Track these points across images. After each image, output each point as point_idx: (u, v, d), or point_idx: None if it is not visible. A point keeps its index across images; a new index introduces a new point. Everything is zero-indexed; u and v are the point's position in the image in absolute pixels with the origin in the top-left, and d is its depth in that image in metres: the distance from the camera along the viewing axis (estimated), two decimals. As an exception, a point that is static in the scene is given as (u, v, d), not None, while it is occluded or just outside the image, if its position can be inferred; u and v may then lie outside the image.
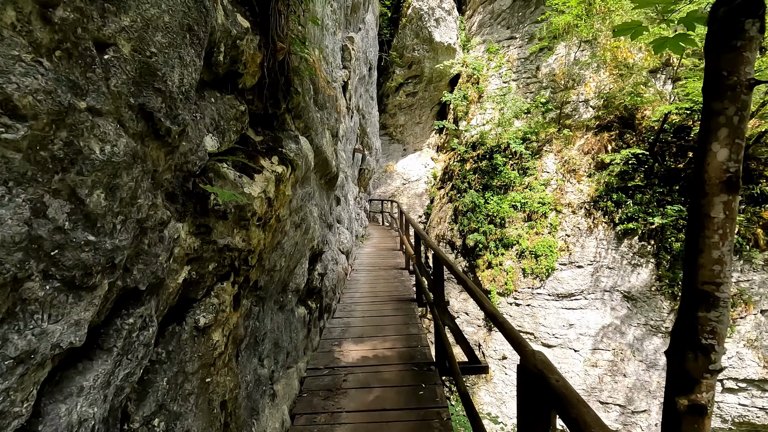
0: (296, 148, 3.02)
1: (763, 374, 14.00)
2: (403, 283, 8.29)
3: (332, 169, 4.67)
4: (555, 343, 15.73)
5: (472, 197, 17.05)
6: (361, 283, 8.63)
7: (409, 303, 6.87)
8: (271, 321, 3.50)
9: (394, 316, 6.23)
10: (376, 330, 5.76)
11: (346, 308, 6.94)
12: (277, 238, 3.05)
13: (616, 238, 15.27)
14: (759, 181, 14.33)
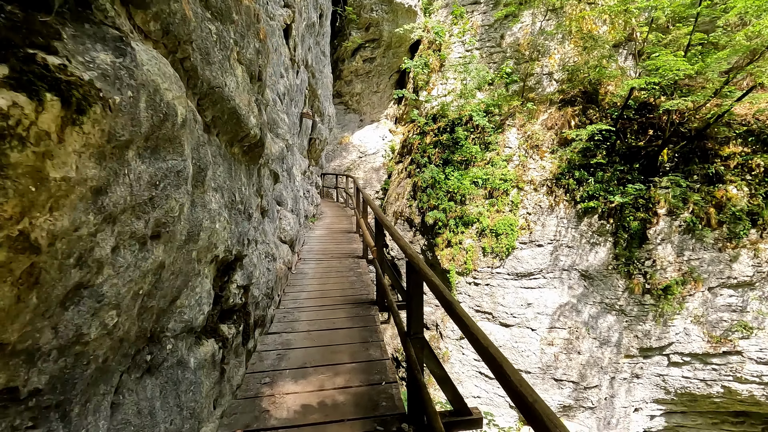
0: (112, 64, 1.22)
1: (707, 348, 13.78)
2: (360, 278, 6.56)
3: (250, 129, 2.80)
4: (513, 323, 14.83)
5: (432, 172, 15.49)
6: (309, 278, 6.75)
7: (369, 307, 5.19)
8: (108, 418, 1.71)
9: (350, 330, 4.53)
10: (324, 354, 4.05)
11: (287, 317, 5.18)
12: (68, 279, 1.24)
13: (577, 216, 14.33)
14: (714, 161, 13.72)
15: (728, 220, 13.18)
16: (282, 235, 5.94)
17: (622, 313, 14.25)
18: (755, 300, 13.21)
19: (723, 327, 13.53)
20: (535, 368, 14.48)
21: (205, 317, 2.64)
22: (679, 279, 13.64)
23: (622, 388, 14.81)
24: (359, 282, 6.30)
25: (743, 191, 13.20)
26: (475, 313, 15.26)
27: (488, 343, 1.95)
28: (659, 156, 13.85)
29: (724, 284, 13.36)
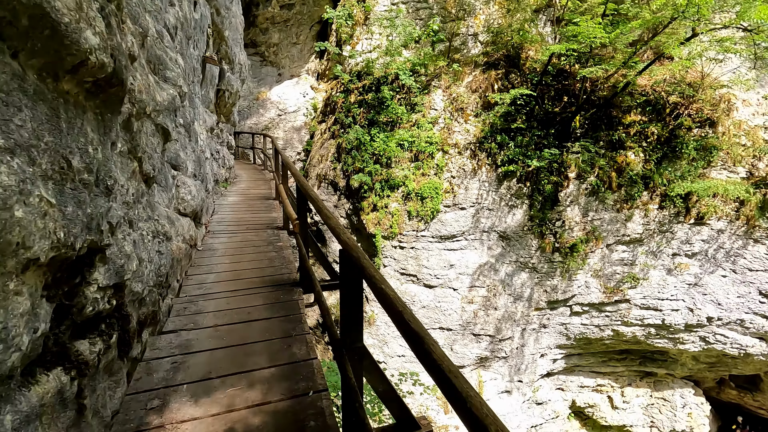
0: None
1: (602, 298, 15.12)
2: (281, 253, 5.51)
3: (85, 52, 1.65)
4: (436, 284, 14.94)
5: (357, 134, 14.52)
6: (220, 256, 5.54)
7: (291, 290, 4.31)
8: None
9: (269, 322, 3.62)
10: (236, 358, 3.13)
11: (188, 308, 4.09)
12: None
13: (498, 180, 14.47)
14: (618, 128, 14.50)
15: (626, 183, 14.17)
16: (181, 206, 4.74)
17: (534, 271, 15.01)
18: (643, 254, 14.59)
19: (616, 279, 14.87)
20: (457, 325, 14.87)
21: (24, 353, 1.64)
22: (583, 238, 14.57)
23: (531, 337, 15.88)
24: (280, 258, 5.30)
25: (640, 157, 14.19)
26: (401, 275, 15.10)
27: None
28: (572, 122, 14.28)
29: (619, 241, 14.55)
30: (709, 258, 14.08)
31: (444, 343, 14.98)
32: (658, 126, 13.97)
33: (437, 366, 1.39)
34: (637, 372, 17.44)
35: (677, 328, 14.91)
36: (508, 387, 15.67)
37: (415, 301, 14.94)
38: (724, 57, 13.72)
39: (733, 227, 13.67)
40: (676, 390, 17.39)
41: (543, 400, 17.29)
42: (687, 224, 13.95)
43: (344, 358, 2.28)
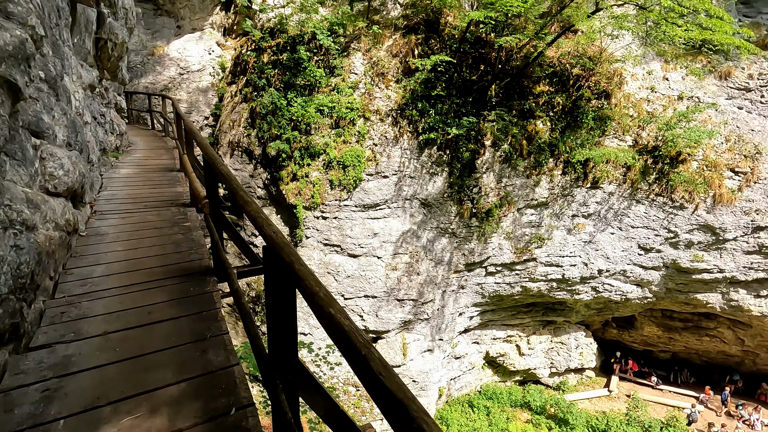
0: None
1: (513, 258, 16.20)
2: (189, 235, 4.62)
3: None
4: (360, 253, 14.76)
5: (273, 97, 13.33)
6: (111, 242, 4.50)
7: (203, 280, 3.59)
8: None
9: (176, 322, 2.91)
10: (133, 375, 2.44)
11: (68, 313, 3.23)
12: None
13: (419, 147, 14.39)
14: (528, 98, 15.14)
15: (535, 151, 14.99)
16: (50, 183, 3.70)
17: (454, 236, 15.51)
18: (548, 217, 15.78)
19: (525, 240, 15.99)
20: (381, 292, 14.96)
21: None
22: (497, 203, 15.29)
23: (451, 298, 16.63)
24: (188, 241, 4.45)
25: (547, 126, 15.03)
26: (324, 246, 14.64)
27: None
28: (489, 91, 14.55)
29: (528, 205, 15.54)
30: (601, 218, 15.68)
31: (369, 310, 15.05)
32: (563, 96, 14.82)
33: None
34: (540, 321, 19.33)
35: (574, 281, 16.62)
36: (430, 346, 16.39)
37: (339, 271, 14.66)
38: (618, 33, 14.79)
39: (621, 190, 15.28)
40: (571, 334, 19.66)
41: (461, 354, 18.48)
42: (585, 188, 15.29)
43: (275, 384, 1.80)
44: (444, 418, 17.48)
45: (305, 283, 1.55)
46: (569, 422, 17.19)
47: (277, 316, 1.87)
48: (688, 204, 14.92)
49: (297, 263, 1.61)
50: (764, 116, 15.13)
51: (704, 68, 15.12)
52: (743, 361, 20.56)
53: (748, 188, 14.78)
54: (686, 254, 15.78)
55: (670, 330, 20.34)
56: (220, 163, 3.05)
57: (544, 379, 20.15)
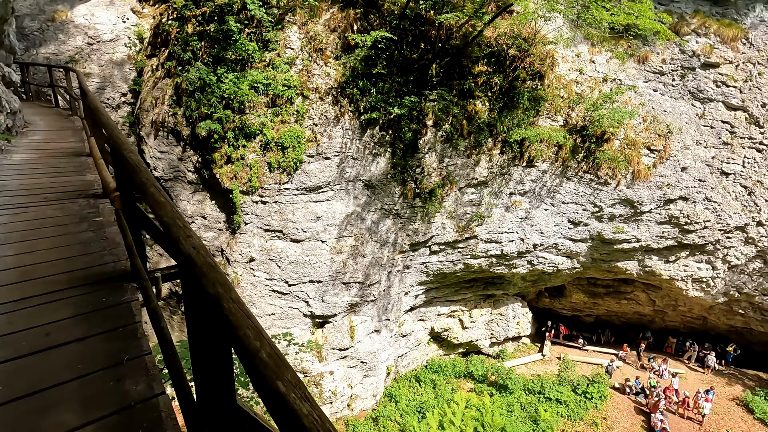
0: None
1: (456, 237, 16.57)
2: (101, 233, 3.86)
3: None
4: (304, 238, 14.27)
5: (201, 72, 12.18)
6: None
7: (118, 287, 2.98)
8: None
9: (83, 344, 2.39)
10: (24, 421, 1.97)
11: None
12: None
13: (361, 127, 14.00)
14: (468, 77, 15.22)
15: (475, 131, 15.22)
16: None
17: (398, 217, 15.48)
18: (487, 195, 16.24)
19: (466, 218, 16.37)
20: (327, 276, 14.66)
21: None
22: (440, 182, 15.42)
23: (396, 278, 16.75)
24: (99, 241, 3.74)
25: (486, 106, 15.27)
26: (265, 232, 13.96)
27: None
28: (429, 70, 14.41)
29: (469, 184, 15.86)
30: (536, 195, 16.44)
31: (315, 295, 14.72)
32: (501, 77, 15.09)
33: None
34: (481, 296, 20.17)
35: (512, 256, 17.41)
36: (377, 327, 16.48)
37: (282, 257, 14.11)
38: (551, 16, 15.22)
39: (553, 168, 16.06)
40: (509, 306, 20.74)
41: (407, 332, 18.83)
42: (521, 167, 15.87)
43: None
44: (393, 395, 17.84)
45: (238, 335, 1.09)
46: (509, 387, 18.30)
47: (204, 356, 1.49)
48: (612, 180, 16.05)
49: (226, 299, 1.19)
50: (675, 98, 16.51)
51: (626, 52, 16.08)
52: (654, 320, 23.06)
53: (661, 164, 16.18)
54: (609, 226, 17.09)
55: (595, 296, 22.20)
56: (128, 150, 2.53)
57: (485, 349, 21.22)
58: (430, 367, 19.94)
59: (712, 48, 15.84)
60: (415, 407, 17.24)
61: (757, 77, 15.93)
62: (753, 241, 17.61)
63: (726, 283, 18.73)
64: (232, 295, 1.19)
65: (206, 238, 14.03)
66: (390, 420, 16.61)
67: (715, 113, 16.32)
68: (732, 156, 16.62)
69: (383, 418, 16.53)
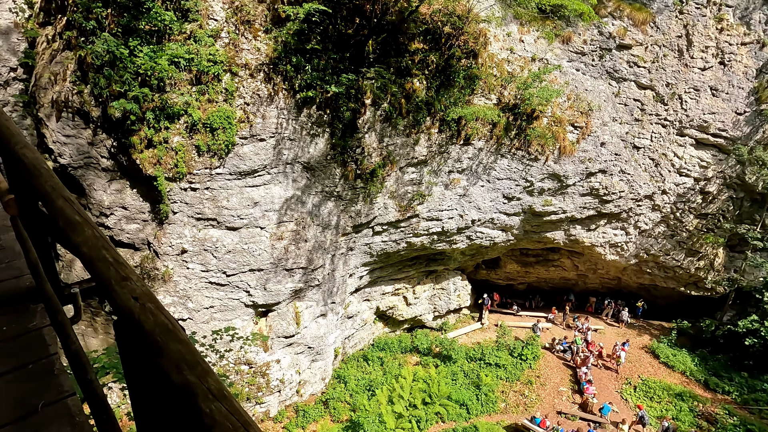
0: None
1: (398, 216, 16.65)
2: None
3: None
4: (241, 225, 13.50)
5: (109, 45, 10.73)
6: None
7: (22, 311, 2.40)
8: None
9: None
10: None
11: None
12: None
13: (296, 107, 13.32)
14: (405, 55, 15.03)
15: (413, 110, 15.17)
16: None
17: (340, 199, 15.18)
18: (427, 174, 16.43)
19: (408, 198, 16.49)
20: (268, 264, 14.08)
21: None
22: (380, 163, 15.28)
23: (341, 261, 16.56)
24: None
25: (423, 84, 15.23)
26: (197, 221, 13.00)
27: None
28: (366, 46, 14.01)
29: (410, 163, 15.91)
30: (473, 172, 16.94)
31: (256, 284, 14.13)
32: (437, 55, 15.08)
33: None
34: (423, 272, 20.68)
35: (452, 232, 17.95)
36: (323, 311, 16.29)
37: (218, 247, 13.29)
38: (483, -6, 15.39)
39: (489, 145, 16.59)
40: (450, 280, 21.51)
41: (353, 313, 18.86)
42: (458, 145, 16.19)
43: None
44: (341, 376, 17.92)
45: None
46: (452, 357, 19.17)
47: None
48: (541, 156, 16.97)
49: (204, 397, 0.76)
50: (594, 77, 17.66)
51: (552, 32, 16.79)
52: (577, 283, 25.27)
53: (584, 140, 17.38)
54: (539, 200, 18.16)
55: (526, 265, 23.75)
56: (20, 145, 2.02)
57: (428, 323, 21.96)
58: (377, 345, 20.26)
59: (625, 30, 17.06)
60: (365, 386, 17.49)
61: (663, 59, 17.49)
62: (659, 208, 19.73)
63: (637, 247, 20.90)
64: (216, 390, 0.80)
65: (129, 231, 12.78)
66: (340, 401, 16.71)
67: (628, 92, 17.74)
68: (642, 131, 18.27)
69: (333, 400, 16.59)
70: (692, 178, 19.23)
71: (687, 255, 21.16)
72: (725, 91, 17.77)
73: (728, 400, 18.00)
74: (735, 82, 17.72)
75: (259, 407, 15.07)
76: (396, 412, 15.55)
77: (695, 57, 17.50)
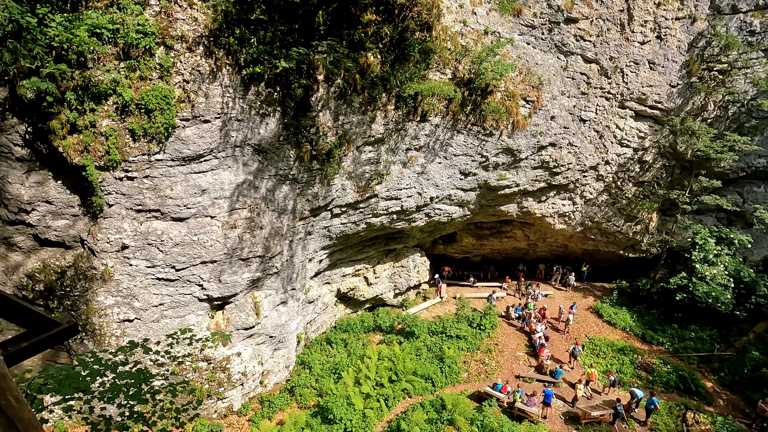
0: None
1: (357, 197, 16.19)
2: None
3: None
4: (188, 215, 12.42)
5: (11, 12, 9.07)
6: None
7: None
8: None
9: None
10: None
11: None
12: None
13: (243, 84, 12.22)
14: (357, 27, 14.22)
15: (368, 86, 14.50)
16: None
17: (295, 182, 14.40)
18: (385, 152, 16.00)
19: (366, 178, 16.02)
20: (222, 255, 13.19)
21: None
22: (336, 142, 14.60)
23: (299, 246, 15.93)
24: None
25: (378, 58, 14.56)
26: (137, 213, 11.77)
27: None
28: (316, 17, 13.04)
29: (366, 142, 15.37)
30: (430, 149, 16.74)
31: (210, 277, 13.23)
32: (390, 27, 14.39)
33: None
34: (383, 251, 20.54)
35: (411, 211, 17.82)
36: (283, 298, 15.71)
37: (164, 240, 12.20)
38: (435, -38, 14.79)
39: (445, 122, 16.40)
40: (409, 257, 21.57)
41: (314, 297, 18.43)
42: (415, 122, 15.84)
43: None
44: (306, 361, 17.62)
45: None
46: (415, 333, 19.44)
47: None
48: (495, 131, 17.08)
49: None
50: (544, 51, 17.86)
51: (504, 4, 16.62)
52: (528, 252, 26.43)
53: (535, 114, 17.68)
54: (494, 174, 18.43)
55: (481, 238, 24.37)
56: None
57: (389, 301, 22.05)
58: (340, 327, 20.08)
59: (573, 3, 17.26)
60: (330, 369, 17.34)
61: (606, 32, 18.00)
62: (602, 178, 20.80)
63: (582, 215, 22.04)
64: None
65: (57, 227, 11.34)
66: (306, 387, 16.47)
67: (575, 65, 18.16)
68: (588, 104, 18.91)
69: (299, 387, 16.30)
70: (632, 148, 20.36)
71: (626, 221, 22.68)
72: (661, 65, 18.72)
73: (662, 351, 19.87)
74: (669, 56, 18.69)
75: (222, 402, 14.45)
76: (363, 393, 15.59)
77: (635, 31, 18.16)
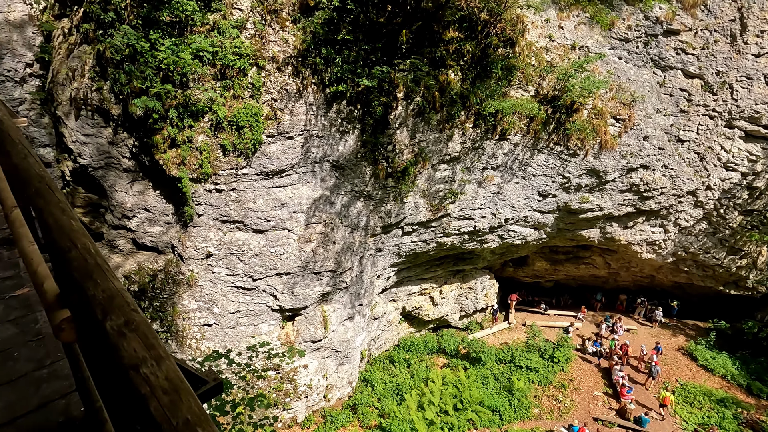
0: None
1: (429, 216, 15.76)
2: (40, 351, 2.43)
3: None
4: (268, 227, 12.78)
5: (129, 38, 9.93)
6: None
7: None
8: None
9: None
10: None
11: None
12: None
13: (326, 102, 12.44)
14: (439, 44, 13.98)
15: (447, 103, 14.15)
16: None
17: (369, 198, 14.33)
18: (460, 171, 15.46)
19: (439, 196, 15.56)
20: (296, 267, 13.39)
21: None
22: (412, 160, 14.35)
23: (369, 263, 15.80)
24: (33, 362, 2.21)
25: (458, 76, 14.19)
26: (222, 224, 12.31)
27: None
28: (399, 36, 13.00)
29: (442, 160, 14.96)
30: (507, 169, 15.92)
31: (283, 288, 13.46)
32: (473, 44, 13.99)
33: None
34: (451, 271, 19.84)
35: (484, 232, 17.01)
36: (350, 313, 15.61)
37: (245, 250, 12.61)
38: (521, -23, 14.20)
39: (525, 140, 15.53)
40: (477, 279, 20.65)
41: (379, 314, 18.17)
42: (493, 140, 15.16)
43: None
44: (368, 379, 17.32)
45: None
46: (481, 359, 18.42)
47: None
48: (580, 151, 15.86)
49: None
50: (638, 66, 16.39)
51: (594, 17, 15.54)
52: (608, 281, 24.21)
53: (626, 134, 16.20)
54: (575, 197, 17.10)
55: (555, 263, 22.75)
56: (78, 235, 1.19)
57: (454, 323, 21.20)
58: (403, 345, 19.60)
59: (674, 14, 15.71)
60: (392, 389, 16.88)
61: (713, 45, 16.14)
62: (701, 204, 18.52)
63: (675, 245, 19.76)
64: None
65: (153, 234, 12.15)
66: (368, 406, 16.14)
67: (674, 81, 16.45)
68: (688, 123, 17.01)
69: (361, 405, 16.01)
70: (739, 172, 17.94)
71: (728, 253, 19.97)
72: (781, 80, 16.39)
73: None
74: (792, 70, 16.32)
75: (287, 413, 14.54)
76: (427, 419, 14.93)
77: (749, 42, 16.10)
